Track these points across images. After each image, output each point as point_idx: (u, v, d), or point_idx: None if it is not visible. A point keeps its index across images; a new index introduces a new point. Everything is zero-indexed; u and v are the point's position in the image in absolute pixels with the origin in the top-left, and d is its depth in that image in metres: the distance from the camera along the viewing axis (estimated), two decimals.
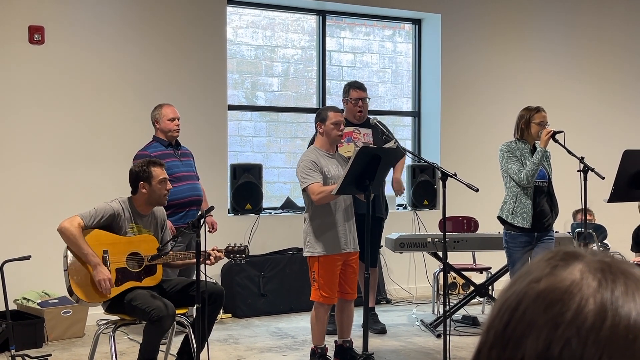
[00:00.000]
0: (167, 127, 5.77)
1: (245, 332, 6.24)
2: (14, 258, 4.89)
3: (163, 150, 5.72)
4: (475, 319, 6.40)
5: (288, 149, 7.90)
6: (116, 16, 6.62)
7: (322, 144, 5.03)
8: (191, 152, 6.00)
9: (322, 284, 4.87)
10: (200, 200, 5.82)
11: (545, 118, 5.26)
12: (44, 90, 6.34)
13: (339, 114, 5.06)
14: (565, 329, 0.71)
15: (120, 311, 4.48)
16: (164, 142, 5.79)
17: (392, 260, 7.49)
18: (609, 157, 6.28)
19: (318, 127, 5.03)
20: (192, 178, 5.82)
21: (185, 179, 5.72)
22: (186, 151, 5.94)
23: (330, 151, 5.03)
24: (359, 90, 6.07)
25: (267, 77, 7.75)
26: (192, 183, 5.79)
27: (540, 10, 8.52)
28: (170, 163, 5.65)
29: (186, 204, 5.68)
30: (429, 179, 7.80)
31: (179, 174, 5.69)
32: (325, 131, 4.99)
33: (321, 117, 5.01)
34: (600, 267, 0.75)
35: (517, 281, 0.77)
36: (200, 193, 5.87)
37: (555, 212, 5.36)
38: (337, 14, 7.97)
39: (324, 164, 4.92)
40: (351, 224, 5.01)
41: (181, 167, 5.75)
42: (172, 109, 5.84)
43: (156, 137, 5.82)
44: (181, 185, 5.67)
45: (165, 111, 5.81)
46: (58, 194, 6.32)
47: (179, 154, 5.83)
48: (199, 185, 5.89)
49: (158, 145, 5.75)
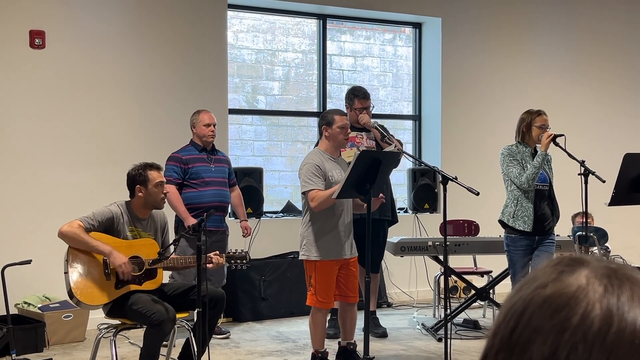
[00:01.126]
0: (203, 132, 6.00)
1: (246, 336, 6.23)
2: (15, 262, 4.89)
3: (196, 154, 5.96)
4: (477, 323, 6.40)
5: (289, 152, 7.90)
6: (117, 21, 6.62)
7: (326, 147, 5.02)
8: (228, 159, 6.21)
9: (318, 289, 4.84)
10: (224, 206, 5.97)
11: (546, 121, 5.26)
12: (44, 95, 6.35)
13: (345, 118, 5.05)
14: (572, 334, 0.72)
15: (121, 315, 4.48)
16: (198, 147, 6.01)
17: (393, 263, 7.48)
18: (610, 160, 6.28)
19: (323, 130, 5.00)
20: (220, 184, 5.99)
21: (212, 184, 5.91)
22: (222, 157, 6.15)
23: (335, 155, 5.03)
24: (363, 100, 6.03)
25: (268, 81, 7.76)
26: (219, 189, 5.96)
27: (541, 13, 8.53)
28: (200, 167, 5.92)
29: (207, 208, 5.67)
30: (429, 182, 7.80)
31: (207, 179, 5.91)
32: (331, 135, 4.97)
33: (327, 121, 4.98)
34: (606, 272, 0.75)
35: (524, 287, 0.78)
36: (226, 199, 6.03)
37: (556, 215, 5.36)
38: (337, 18, 7.98)
39: (328, 168, 4.91)
40: (349, 228, 5.00)
41: (211, 172, 5.95)
42: (209, 115, 6.06)
43: (192, 141, 6.05)
44: (207, 190, 5.88)
45: (202, 117, 6.03)
46: (59, 198, 6.32)
47: (212, 159, 6.02)
48: (226, 192, 6.04)
49: (192, 149, 5.98)
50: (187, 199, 5.85)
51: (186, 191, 5.89)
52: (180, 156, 5.88)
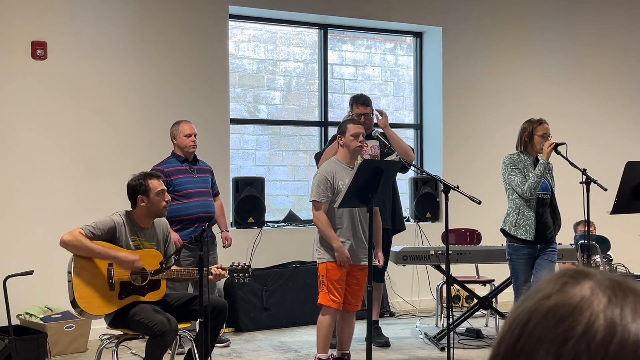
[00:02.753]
0: (184, 143, 5.92)
1: (248, 346, 6.22)
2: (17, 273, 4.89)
3: (178, 165, 5.87)
4: (479, 332, 6.39)
5: (290, 162, 7.91)
6: (118, 32, 6.64)
7: (342, 155, 5.13)
8: (210, 168, 6.12)
9: (330, 288, 4.96)
10: (210, 216, 5.84)
11: (548, 130, 5.27)
12: (46, 105, 6.36)
13: (358, 126, 5.13)
14: (575, 343, 0.72)
15: (123, 326, 4.48)
16: (180, 158, 5.93)
17: (395, 273, 7.47)
18: (612, 168, 6.27)
19: (339, 139, 5.15)
20: (204, 194, 5.91)
21: (196, 195, 5.82)
22: (204, 167, 6.07)
23: (351, 164, 5.09)
24: (361, 106, 6.07)
25: (269, 91, 7.77)
26: (203, 200, 5.88)
27: (541, 21, 8.55)
28: (183, 179, 5.83)
29: (194, 220, 5.75)
30: (431, 191, 7.80)
31: (191, 190, 5.82)
32: (345, 143, 5.09)
33: (341, 130, 5.13)
34: (610, 284, 0.76)
35: (528, 298, 0.79)
36: (212, 209, 5.95)
37: (557, 224, 5.36)
38: (338, 27, 8.00)
39: (340, 177, 5.02)
40: (360, 235, 5.06)
41: (194, 183, 5.86)
42: (189, 126, 5.99)
43: (174, 153, 5.97)
44: (191, 202, 5.80)
45: (183, 127, 5.96)
46: (60, 209, 6.32)
47: (194, 170, 5.94)
48: (210, 202, 5.96)
49: (174, 161, 5.90)
50: (171, 211, 5.56)
51: (170, 204, 5.75)
52: (162, 169, 5.67)
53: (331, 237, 4.96)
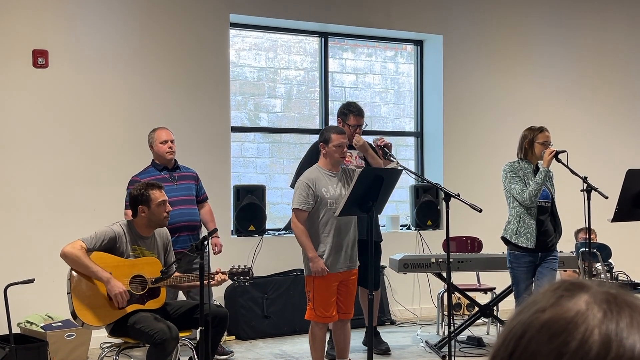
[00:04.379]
0: (160, 150, 5.70)
1: (249, 355, 6.21)
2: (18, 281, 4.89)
3: (156, 175, 5.60)
4: (480, 340, 6.37)
5: (291, 170, 7.89)
6: (120, 40, 6.66)
7: (324, 163, 5.07)
8: (193, 174, 5.87)
9: (316, 304, 4.88)
10: (193, 225, 5.67)
11: (548, 138, 5.27)
12: (47, 113, 6.37)
13: (342, 136, 5.04)
14: (570, 359, 0.71)
15: (124, 334, 4.47)
16: (159, 167, 5.71)
17: (396, 281, 7.47)
18: (612, 176, 6.27)
19: (321, 147, 5.07)
20: (186, 202, 5.66)
21: (178, 204, 5.49)
22: (185, 173, 5.81)
23: (334, 170, 5.05)
24: (358, 117, 5.92)
25: (270, 99, 7.78)
26: (184, 208, 5.62)
27: (542, 30, 8.56)
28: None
29: (176, 230, 5.47)
30: (432, 199, 7.79)
31: (172, 199, 5.35)
32: (327, 152, 5.02)
33: (324, 138, 5.04)
34: (606, 298, 0.75)
35: (523, 311, 0.78)
36: (194, 218, 5.71)
37: (558, 232, 5.35)
38: (339, 35, 8.01)
39: (322, 185, 4.96)
40: (348, 241, 5.00)
41: (175, 192, 5.55)
42: (165, 132, 5.76)
43: (153, 161, 5.78)
44: (172, 211, 5.34)
45: (159, 134, 5.74)
46: (61, 217, 6.33)
47: (174, 177, 5.71)
48: (193, 210, 5.72)
49: (152, 170, 5.68)
50: None
51: None
52: (140, 179, 5.37)
53: (307, 247, 4.86)
